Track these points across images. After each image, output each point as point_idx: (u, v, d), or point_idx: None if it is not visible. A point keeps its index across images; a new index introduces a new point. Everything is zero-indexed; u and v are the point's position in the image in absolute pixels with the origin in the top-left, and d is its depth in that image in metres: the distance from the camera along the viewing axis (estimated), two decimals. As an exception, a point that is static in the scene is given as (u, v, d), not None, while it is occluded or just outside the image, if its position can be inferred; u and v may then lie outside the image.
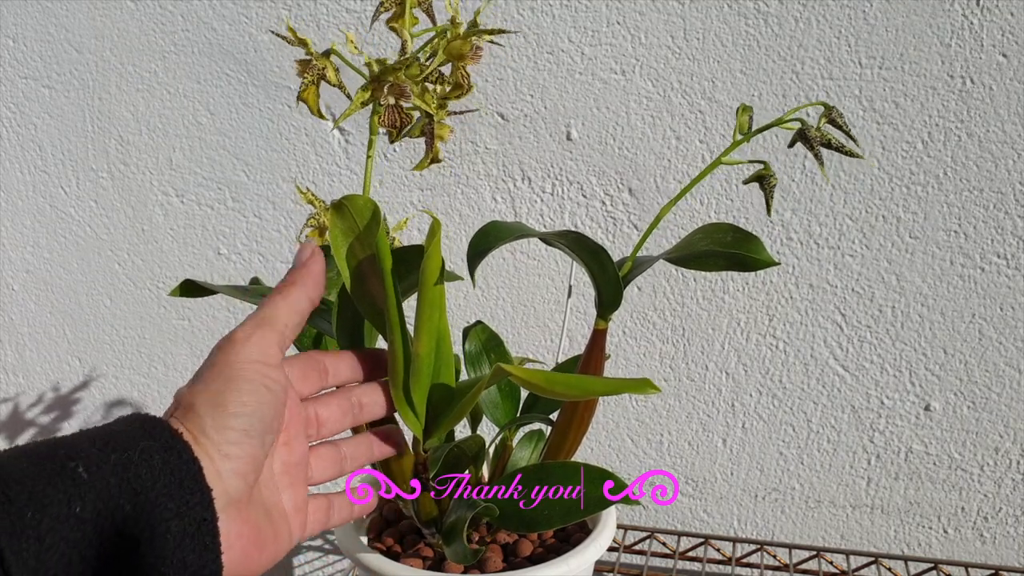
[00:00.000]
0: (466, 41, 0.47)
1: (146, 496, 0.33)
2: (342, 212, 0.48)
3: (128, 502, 0.33)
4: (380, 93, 0.46)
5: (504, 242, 0.53)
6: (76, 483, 0.32)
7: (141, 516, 0.33)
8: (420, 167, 0.50)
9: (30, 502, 0.31)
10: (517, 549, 0.58)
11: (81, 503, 0.32)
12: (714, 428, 0.90)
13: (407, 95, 0.46)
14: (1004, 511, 0.86)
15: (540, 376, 0.46)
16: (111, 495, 0.33)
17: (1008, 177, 0.78)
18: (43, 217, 1.04)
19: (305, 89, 0.48)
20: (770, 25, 0.80)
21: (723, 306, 0.87)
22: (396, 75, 0.46)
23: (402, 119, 0.47)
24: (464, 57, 0.47)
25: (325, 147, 0.93)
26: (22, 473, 0.32)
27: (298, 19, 0.90)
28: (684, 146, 0.84)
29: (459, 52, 0.47)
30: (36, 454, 0.33)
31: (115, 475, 0.33)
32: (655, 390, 0.43)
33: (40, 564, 0.31)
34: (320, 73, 0.48)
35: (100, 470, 0.33)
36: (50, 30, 0.97)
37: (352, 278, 0.49)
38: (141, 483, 0.34)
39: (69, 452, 0.33)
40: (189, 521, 0.34)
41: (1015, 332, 0.82)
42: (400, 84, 0.46)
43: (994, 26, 0.75)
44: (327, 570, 1.06)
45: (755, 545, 0.88)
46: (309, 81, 0.48)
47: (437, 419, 0.53)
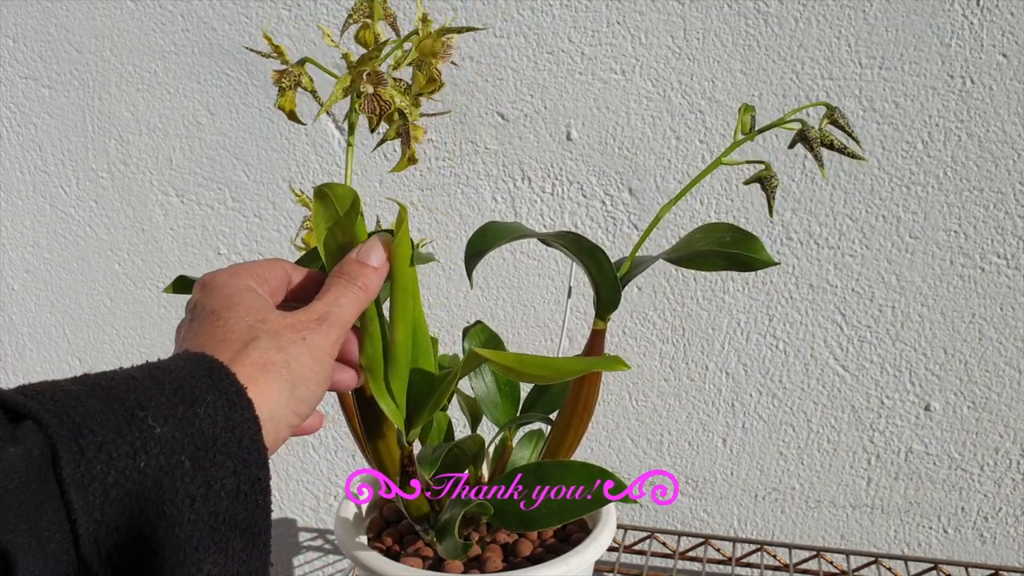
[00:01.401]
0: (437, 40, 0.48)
1: (206, 452, 0.34)
2: (324, 199, 0.49)
3: (189, 458, 0.34)
4: (359, 81, 0.48)
5: (502, 243, 0.53)
6: (144, 436, 0.33)
7: (199, 472, 0.34)
8: (398, 168, 0.52)
9: (100, 453, 0.32)
10: (517, 549, 0.58)
11: (146, 457, 0.33)
12: (714, 428, 0.90)
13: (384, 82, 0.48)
14: (1004, 511, 0.86)
15: (513, 359, 0.47)
16: (174, 450, 0.33)
17: (1008, 177, 0.78)
18: (43, 217, 1.04)
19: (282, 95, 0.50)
20: (770, 25, 0.80)
21: (723, 306, 0.87)
22: (372, 64, 0.47)
23: (381, 107, 0.49)
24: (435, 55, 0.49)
25: (325, 147, 0.93)
26: (94, 417, 0.32)
27: (298, 19, 0.90)
28: (684, 146, 0.84)
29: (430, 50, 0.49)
30: (109, 394, 0.34)
31: (180, 429, 0.34)
32: (625, 367, 0.44)
33: (104, 516, 0.32)
34: (296, 80, 0.50)
35: (167, 423, 0.34)
36: (50, 30, 0.97)
37: (329, 263, 0.49)
38: (203, 438, 0.34)
39: (140, 399, 0.34)
40: (244, 479, 0.35)
41: (1015, 332, 0.82)
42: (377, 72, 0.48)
43: (994, 26, 0.75)
44: (327, 570, 1.06)
45: (755, 545, 0.88)
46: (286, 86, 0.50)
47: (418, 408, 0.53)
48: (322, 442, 1.02)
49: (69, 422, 0.32)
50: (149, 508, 0.32)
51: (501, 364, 0.46)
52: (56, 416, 0.32)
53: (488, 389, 0.64)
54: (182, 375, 0.36)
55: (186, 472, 0.33)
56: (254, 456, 0.36)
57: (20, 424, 0.31)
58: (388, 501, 0.65)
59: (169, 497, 0.33)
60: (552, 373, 0.47)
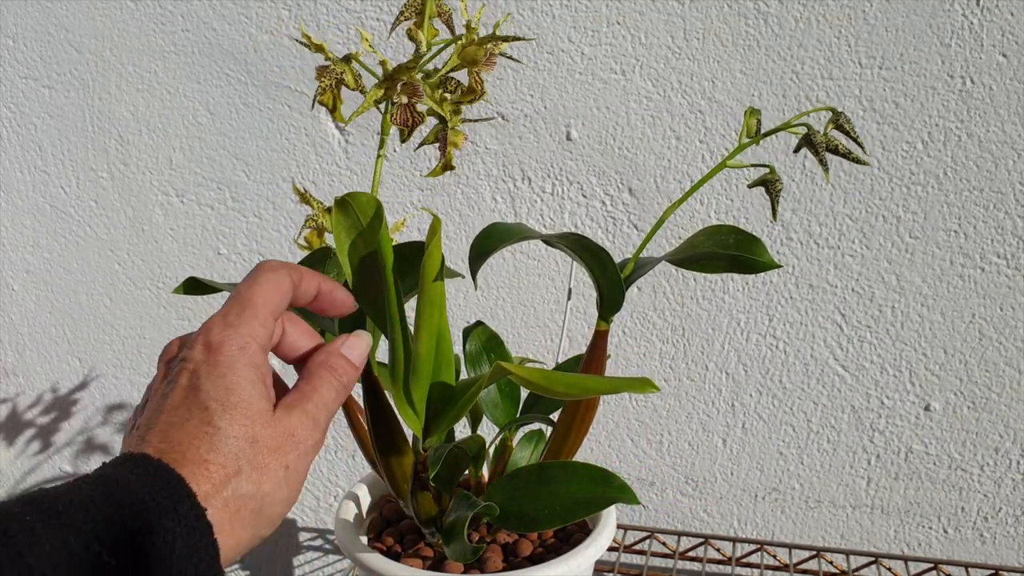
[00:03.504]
0: (480, 47, 0.47)
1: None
2: (346, 209, 0.48)
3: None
4: (393, 92, 0.47)
5: (506, 244, 0.53)
6: (97, 573, 0.33)
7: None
8: (434, 174, 0.51)
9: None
10: (517, 549, 0.58)
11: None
12: (714, 428, 0.90)
13: (420, 95, 0.47)
14: (1004, 511, 0.86)
15: (540, 375, 0.46)
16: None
17: (1008, 177, 0.78)
18: (43, 217, 1.04)
19: (323, 93, 0.48)
20: (770, 25, 0.80)
21: (723, 306, 0.87)
22: (409, 74, 0.46)
23: (414, 118, 0.47)
24: (477, 63, 0.48)
25: (325, 147, 0.93)
26: (48, 555, 0.32)
27: (298, 19, 0.90)
28: (684, 146, 0.84)
29: (473, 58, 0.47)
30: (63, 523, 0.33)
31: (137, 559, 0.34)
32: (654, 389, 0.43)
33: None
34: (338, 77, 0.48)
35: (123, 554, 0.33)
36: (50, 30, 0.97)
37: (354, 275, 0.49)
38: (160, 567, 0.34)
39: (96, 531, 0.33)
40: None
41: (1015, 332, 0.82)
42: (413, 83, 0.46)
43: (994, 26, 0.75)
44: (327, 570, 1.06)
45: (755, 545, 0.88)
46: (327, 85, 0.48)
47: (437, 418, 0.53)
48: (322, 442, 1.02)
49: (22, 564, 0.31)
50: None
51: (528, 380, 0.46)
52: (9, 559, 0.31)
53: (488, 389, 0.64)
54: (143, 496, 0.35)
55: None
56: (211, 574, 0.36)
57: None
58: (388, 502, 0.65)
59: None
60: (579, 392, 0.46)
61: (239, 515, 0.38)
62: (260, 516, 0.39)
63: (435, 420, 0.53)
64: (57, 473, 1.12)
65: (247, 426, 0.39)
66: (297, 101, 0.93)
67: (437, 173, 0.50)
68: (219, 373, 0.40)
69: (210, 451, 0.38)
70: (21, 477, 1.13)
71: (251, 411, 0.40)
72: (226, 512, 0.38)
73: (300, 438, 0.41)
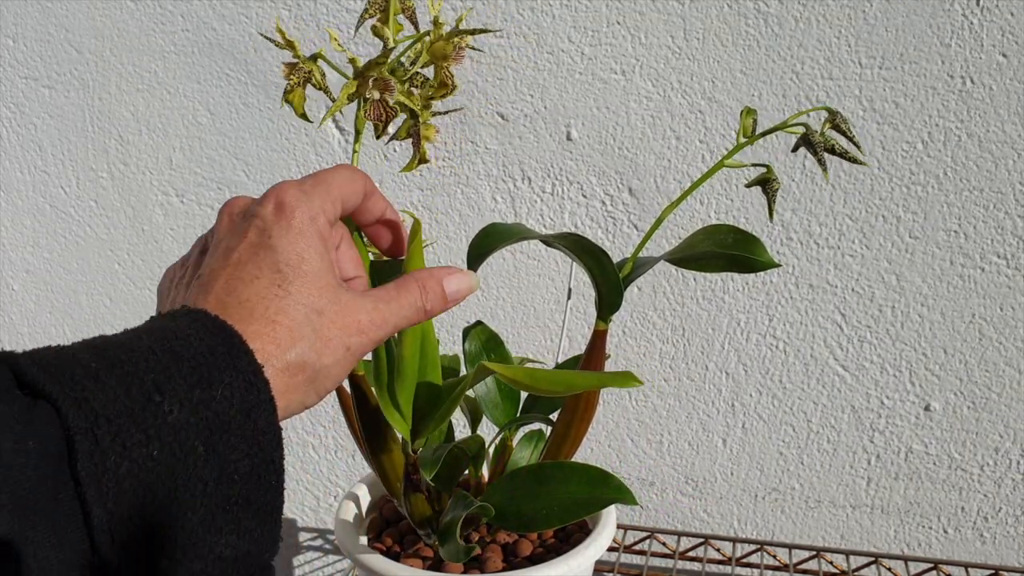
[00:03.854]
0: (448, 42, 0.47)
1: (220, 436, 0.33)
2: None
3: (203, 443, 0.33)
4: (365, 87, 0.47)
5: (505, 244, 0.53)
6: (159, 423, 0.32)
7: (212, 456, 0.33)
8: (408, 168, 0.51)
9: (114, 443, 0.31)
10: (517, 549, 0.59)
11: (159, 446, 0.32)
12: (714, 428, 0.90)
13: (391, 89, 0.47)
14: (1004, 511, 0.86)
15: (523, 373, 0.46)
16: (188, 437, 0.33)
17: (1008, 177, 0.78)
18: (43, 217, 1.04)
19: (291, 91, 0.49)
20: (770, 25, 0.80)
21: (723, 306, 0.87)
22: (379, 70, 0.46)
23: (387, 113, 0.48)
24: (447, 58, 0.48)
25: (325, 147, 0.93)
26: (111, 403, 0.32)
27: (298, 19, 0.90)
28: (684, 146, 0.84)
29: (442, 53, 0.48)
30: (126, 371, 0.33)
31: (196, 414, 0.33)
32: (637, 383, 0.43)
33: (116, 507, 0.31)
34: (306, 76, 0.49)
35: (183, 408, 0.33)
36: (50, 30, 0.97)
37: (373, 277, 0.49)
38: (218, 422, 0.33)
39: (157, 380, 0.33)
40: (258, 461, 0.35)
41: (1015, 332, 0.82)
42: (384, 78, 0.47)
43: (994, 26, 0.75)
44: (327, 570, 1.06)
45: (755, 545, 0.88)
46: (295, 83, 0.49)
47: (424, 419, 0.52)
48: (322, 442, 1.02)
49: (87, 409, 0.31)
50: (161, 495, 0.32)
51: (511, 378, 0.46)
52: (75, 403, 0.31)
53: (488, 389, 0.64)
54: (201, 350, 0.34)
55: (199, 457, 0.33)
56: (268, 438, 0.35)
57: (36, 404, 0.31)
58: (388, 502, 0.65)
59: (182, 483, 0.33)
60: (564, 388, 0.46)
61: (294, 380, 0.38)
62: (312, 385, 0.39)
63: (422, 421, 0.53)
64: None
65: (316, 297, 0.39)
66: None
67: (412, 167, 0.51)
68: (292, 238, 0.39)
69: (279, 313, 0.38)
70: (21, 477, 1.13)
71: (321, 283, 0.39)
72: (285, 375, 0.37)
73: (364, 327, 0.40)
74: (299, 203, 0.40)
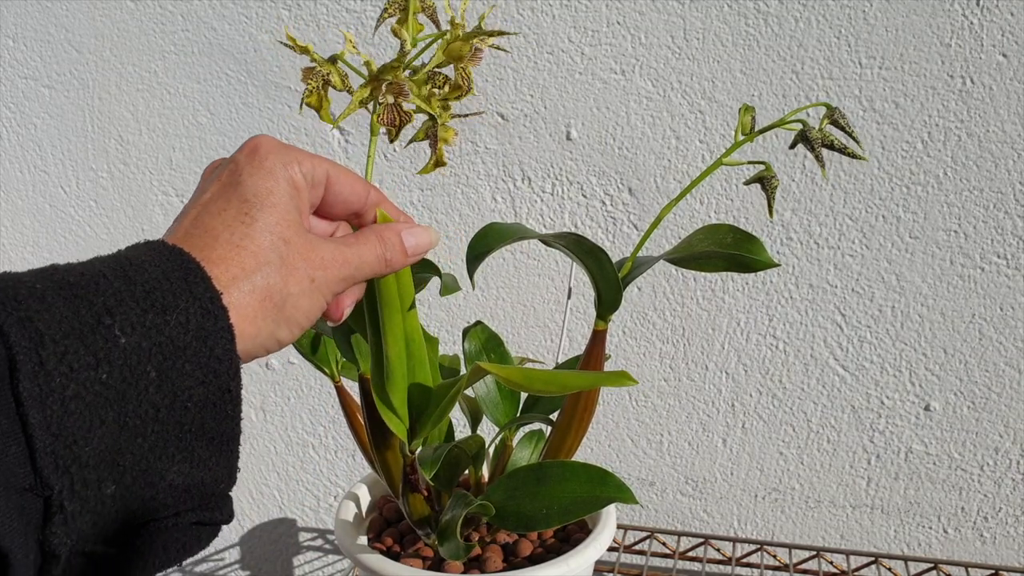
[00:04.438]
0: (466, 43, 0.47)
1: (174, 362, 0.33)
2: None
3: (155, 368, 0.32)
4: (379, 91, 0.47)
5: (503, 244, 0.53)
6: (108, 346, 0.31)
7: (165, 382, 0.32)
8: (425, 171, 0.50)
9: (61, 364, 0.30)
10: (517, 549, 0.58)
11: (109, 368, 0.31)
12: (714, 428, 0.90)
13: (406, 94, 0.46)
14: (1004, 511, 0.86)
15: (519, 373, 0.46)
16: (140, 360, 0.32)
17: (1008, 177, 0.78)
18: (43, 217, 1.04)
19: (310, 95, 0.48)
20: (770, 25, 0.80)
21: (723, 306, 0.87)
22: (394, 73, 0.46)
23: (401, 118, 0.47)
24: (463, 59, 0.47)
25: (325, 147, 0.93)
26: (58, 324, 0.31)
27: (298, 19, 0.90)
28: (684, 146, 0.84)
29: (458, 53, 0.47)
30: (75, 294, 0.32)
31: (148, 338, 0.32)
32: (632, 382, 0.43)
33: (62, 430, 0.30)
34: (324, 79, 0.48)
35: (135, 331, 0.32)
36: (50, 30, 0.97)
37: None
38: (172, 348, 0.33)
39: (108, 303, 0.32)
40: (213, 389, 0.34)
41: (1015, 332, 0.82)
42: (399, 82, 0.46)
43: (994, 26, 0.75)
44: (327, 570, 1.06)
45: (755, 545, 0.88)
46: (313, 87, 0.48)
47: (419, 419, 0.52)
48: (322, 442, 1.02)
49: (32, 329, 0.30)
50: (110, 419, 0.31)
51: (506, 378, 0.46)
52: (19, 323, 0.30)
53: (488, 389, 0.64)
54: (156, 276, 0.34)
55: (151, 382, 0.32)
56: (225, 366, 0.34)
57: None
58: (388, 502, 0.65)
59: (132, 408, 0.32)
60: (558, 388, 0.46)
61: (263, 306, 0.37)
62: (280, 314, 0.38)
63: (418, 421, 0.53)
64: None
65: (283, 226, 0.39)
66: (297, 101, 0.93)
67: (429, 170, 0.50)
68: (261, 176, 0.40)
69: (244, 238, 0.38)
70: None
71: (288, 216, 0.39)
72: (252, 299, 0.37)
73: (327, 262, 0.40)
74: (273, 149, 0.41)
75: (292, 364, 1.01)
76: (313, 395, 1.01)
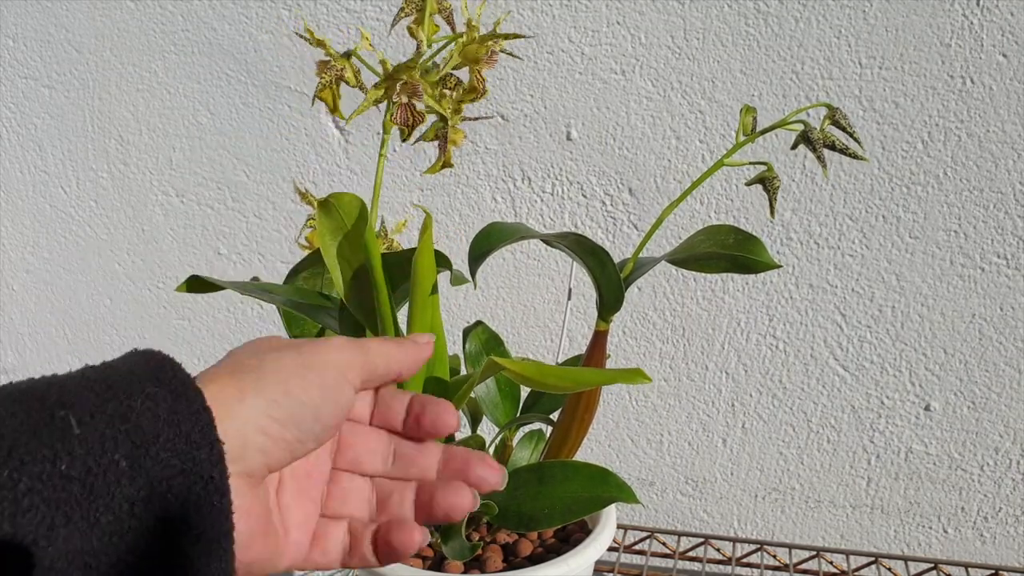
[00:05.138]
0: (482, 45, 0.47)
1: (145, 450, 0.30)
2: (329, 210, 0.47)
3: (124, 457, 0.29)
4: (393, 91, 0.46)
5: (505, 244, 0.53)
6: (65, 436, 0.29)
7: (138, 473, 0.30)
8: (432, 171, 0.50)
9: (9, 458, 0.28)
10: (517, 549, 0.58)
11: (69, 459, 0.28)
12: (714, 428, 0.90)
13: (420, 94, 0.46)
14: (1004, 511, 0.86)
15: (532, 368, 0.46)
16: (104, 449, 0.29)
17: (1008, 177, 0.78)
18: (43, 217, 1.04)
19: (322, 89, 0.48)
20: (770, 25, 0.80)
21: (723, 306, 0.87)
22: (409, 73, 0.46)
23: (414, 118, 0.47)
24: (478, 61, 0.47)
25: (325, 147, 0.93)
26: (4, 420, 0.28)
27: (298, 19, 0.90)
28: (684, 146, 0.84)
29: (474, 56, 0.47)
30: (25, 397, 0.30)
31: (111, 426, 0.30)
32: (646, 379, 0.43)
33: (15, 528, 0.27)
34: (339, 74, 0.48)
35: (94, 420, 0.29)
36: (50, 30, 0.97)
37: (343, 280, 0.48)
38: (141, 435, 0.30)
39: (61, 397, 0.30)
40: (195, 478, 0.31)
41: (1015, 332, 0.82)
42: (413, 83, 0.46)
43: (994, 26, 0.75)
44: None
45: (755, 545, 0.88)
46: (327, 81, 0.48)
47: None
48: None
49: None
50: (77, 516, 0.28)
51: (520, 374, 0.46)
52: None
53: (488, 389, 0.64)
54: (118, 369, 0.32)
55: (122, 473, 0.29)
56: (205, 452, 0.31)
57: None
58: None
59: (103, 503, 0.29)
60: (572, 384, 0.46)
61: (233, 376, 0.34)
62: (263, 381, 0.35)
63: None
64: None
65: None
66: (297, 101, 0.93)
67: (435, 170, 0.50)
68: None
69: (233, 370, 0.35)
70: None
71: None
72: (219, 373, 0.34)
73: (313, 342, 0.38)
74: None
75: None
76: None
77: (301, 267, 0.61)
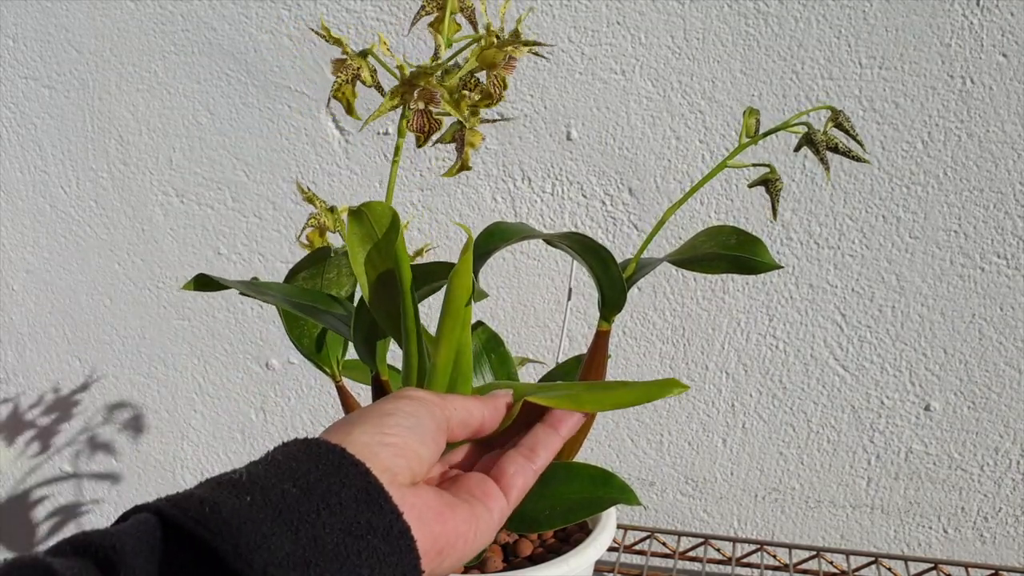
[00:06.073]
0: (499, 50, 0.46)
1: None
2: (360, 219, 0.47)
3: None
4: (410, 97, 0.46)
5: (508, 243, 0.53)
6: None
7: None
8: (450, 173, 0.50)
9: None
10: (517, 549, 0.59)
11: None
12: (714, 428, 0.90)
13: (437, 100, 0.46)
14: (1004, 511, 0.86)
15: (567, 400, 0.44)
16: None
17: (1008, 177, 0.79)
18: (43, 217, 1.04)
19: (338, 88, 0.48)
20: (770, 25, 0.80)
21: (723, 306, 0.87)
22: (427, 79, 0.45)
23: (431, 124, 0.46)
24: (496, 66, 0.47)
25: (325, 147, 0.93)
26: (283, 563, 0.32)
27: (298, 19, 0.90)
28: (684, 146, 0.84)
29: (492, 60, 0.47)
30: (298, 526, 0.33)
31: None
32: (684, 388, 0.42)
33: None
34: (355, 73, 0.48)
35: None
36: (50, 30, 0.97)
37: (369, 286, 0.48)
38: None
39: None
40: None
41: (1015, 332, 0.82)
42: (431, 89, 0.45)
43: (994, 26, 0.76)
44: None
45: (755, 545, 0.88)
46: (343, 80, 0.47)
47: None
48: (322, 442, 1.02)
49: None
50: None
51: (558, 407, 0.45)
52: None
53: (489, 389, 0.64)
54: (352, 511, 0.35)
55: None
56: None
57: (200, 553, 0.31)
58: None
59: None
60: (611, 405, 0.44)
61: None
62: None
63: None
64: (57, 473, 1.12)
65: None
66: (297, 101, 0.93)
67: (453, 173, 0.50)
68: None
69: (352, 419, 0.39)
70: (22, 477, 1.13)
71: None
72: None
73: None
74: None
75: (292, 364, 1.01)
76: (313, 395, 1.01)
77: (301, 267, 0.61)
